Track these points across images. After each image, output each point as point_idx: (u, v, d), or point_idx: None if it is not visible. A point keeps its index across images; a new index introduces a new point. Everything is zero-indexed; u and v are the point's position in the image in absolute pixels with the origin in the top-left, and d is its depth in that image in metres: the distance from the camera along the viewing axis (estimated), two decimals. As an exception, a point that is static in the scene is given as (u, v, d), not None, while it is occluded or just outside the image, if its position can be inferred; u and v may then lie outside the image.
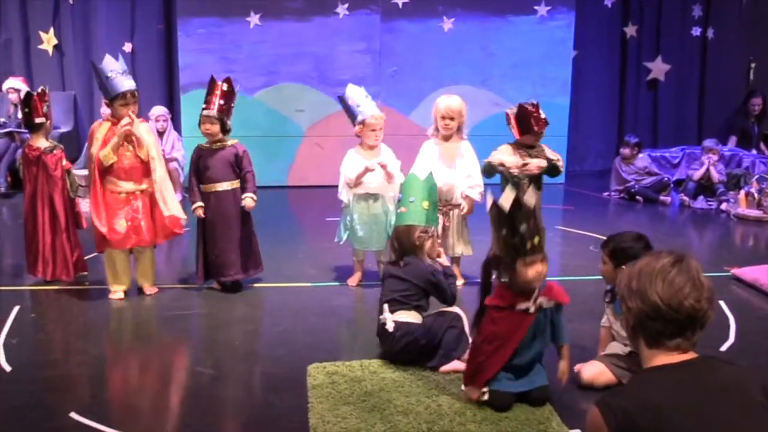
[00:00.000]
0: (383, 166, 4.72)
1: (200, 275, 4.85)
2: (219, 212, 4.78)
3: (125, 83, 4.51)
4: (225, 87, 4.70)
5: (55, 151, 4.86)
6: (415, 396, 3.29)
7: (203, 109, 4.71)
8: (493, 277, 3.18)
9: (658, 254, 1.78)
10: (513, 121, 4.68)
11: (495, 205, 2.96)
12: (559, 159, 4.73)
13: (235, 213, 4.78)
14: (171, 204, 4.67)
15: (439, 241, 4.29)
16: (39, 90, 4.88)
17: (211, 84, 4.71)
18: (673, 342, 1.71)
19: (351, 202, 4.85)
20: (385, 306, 3.70)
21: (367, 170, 4.71)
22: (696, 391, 1.65)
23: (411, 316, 3.69)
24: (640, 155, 8.28)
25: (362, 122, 4.78)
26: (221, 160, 4.75)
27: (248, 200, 4.75)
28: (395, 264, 3.81)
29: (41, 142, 4.86)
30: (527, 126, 4.61)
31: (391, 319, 3.65)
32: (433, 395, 3.29)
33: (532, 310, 3.10)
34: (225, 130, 4.74)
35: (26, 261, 4.99)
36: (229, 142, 4.79)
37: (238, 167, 4.78)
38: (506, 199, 2.88)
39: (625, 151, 8.25)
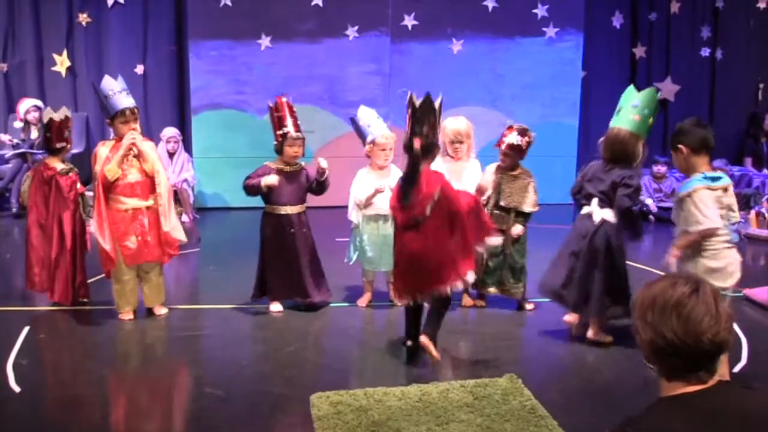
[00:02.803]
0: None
1: (255, 293, 4.85)
2: (287, 235, 4.74)
3: (124, 101, 4.54)
4: (291, 103, 4.75)
5: (70, 174, 4.91)
6: (425, 425, 3.22)
7: (283, 133, 4.65)
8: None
9: (673, 281, 1.70)
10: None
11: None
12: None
13: (301, 238, 4.77)
14: (170, 222, 4.67)
15: None
16: (63, 116, 4.88)
17: (280, 105, 4.68)
18: (693, 375, 1.66)
19: (361, 223, 4.86)
20: (595, 200, 4.19)
21: (377, 192, 4.71)
22: (716, 421, 1.59)
23: (611, 216, 4.11)
24: (668, 177, 8.23)
25: (372, 142, 4.80)
26: (296, 184, 4.75)
27: (272, 177, 4.63)
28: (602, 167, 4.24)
29: (57, 164, 4.90)
30: None
31: (599, 213, 4.14)
32: (443, 423, 3.24)
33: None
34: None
35: (27, 274, 4.94)
36: (302, 165, 4.81)
37: (307, 189, 4.80)
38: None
39: (662, 169, 8.16)
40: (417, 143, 3.73)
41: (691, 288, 1.66)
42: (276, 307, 4.84)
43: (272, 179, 4.63)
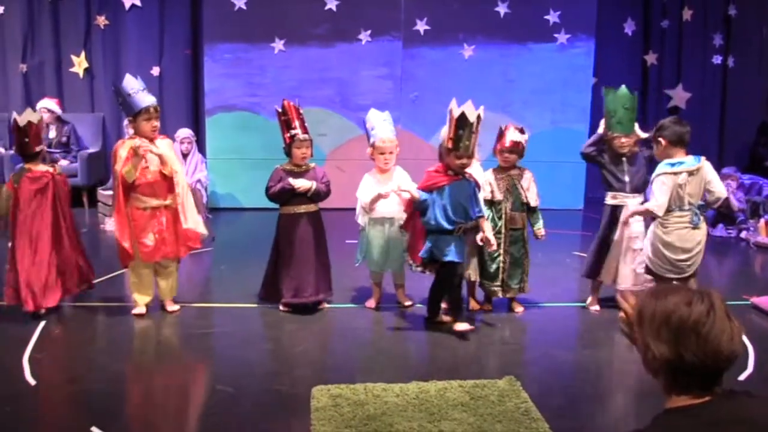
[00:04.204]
0: (398, 194, 4.77)
1: (263, 294, 4.97)
2: (297, 235, 4.83)
3: (146, 99, 4.65)
4: (298, 107, 4.83)
5: (61, 172, 4.94)
6: (417, 421, 3.28)
7: (292, 135, 4.77)
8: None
9: (687, 298, 1.65)
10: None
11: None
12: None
13: (314, 236, 4.86)
14: (191, 218, 4.79)
15: None
16: (40, 117, 4.78)
17: (287, 108, 4.80)
18: (703, 389, 1.65)
19: (367, 226, 4.92)
20: None
21: (380, 196, 4.76)
22: (722, 431, 1.59)
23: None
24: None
25: (372, 145, 4.87)
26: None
27: (303, 181, 4.79)
28: None
29: (42, 167, 4.76)
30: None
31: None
32: (435, 420, 3.30)
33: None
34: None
35: (23, 295, 4.61)
36: (311, 166, 4.89)
37: None
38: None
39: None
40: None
41: (707, 306, 1.63)
42: (283, 307, 4.92)
43: (305, 183, 4.75)
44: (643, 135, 4.95)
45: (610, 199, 4.94)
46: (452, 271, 4.49)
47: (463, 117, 4.23)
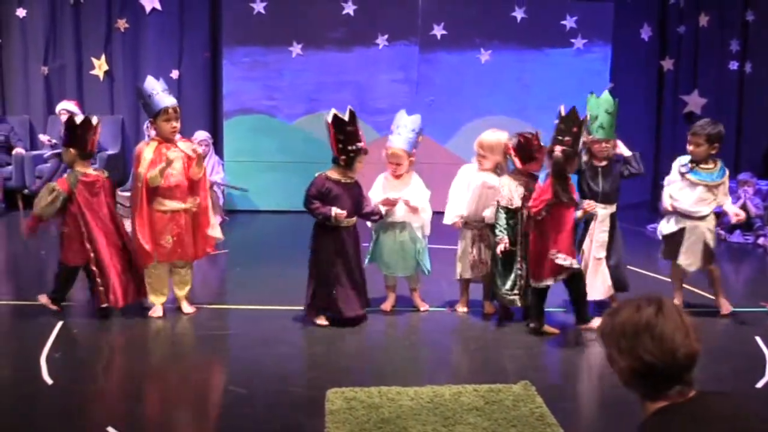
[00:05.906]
0: (406, 203, 4.77)
1: (312, 313, 4.72)
2: (340, 249, 4.70)
3: (166, 100, 4.72)
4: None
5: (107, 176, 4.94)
6: (432, 425, 3.29)
7: (359, 148, 4.65)
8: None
9: (636, 305, 1.74)
10: (512, 152, 4.74)
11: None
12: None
13: (355, 249, 4.78)
14: (212, 221, 4.89)
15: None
16: (96, 119, 4.85)
17: (354, 118, 4.66)
18: (674, 390, 1.71)
19: (378, 229, 4.95)
20: None
21: (387, 201, 4.77)
22: (706, 425, 1.64)
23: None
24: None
25: (386, 151, 4.89)
26: (352, 197, 4.71)
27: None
28: None
29: (91, 170, 4.83)
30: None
31: None
32: (450, 424, 3.30)
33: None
34: None
35: (101, 293, 4.74)
36: (355, 178, 4.79)
37: (360, 203, 4.78)
38: None
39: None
40: (558, 150, 4.36)
41: (656, 308, 1.71)
42: (322, 321, 4.74)
43: (341, 213, 4.59)
44: (627, 153, 4.96)
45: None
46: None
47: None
